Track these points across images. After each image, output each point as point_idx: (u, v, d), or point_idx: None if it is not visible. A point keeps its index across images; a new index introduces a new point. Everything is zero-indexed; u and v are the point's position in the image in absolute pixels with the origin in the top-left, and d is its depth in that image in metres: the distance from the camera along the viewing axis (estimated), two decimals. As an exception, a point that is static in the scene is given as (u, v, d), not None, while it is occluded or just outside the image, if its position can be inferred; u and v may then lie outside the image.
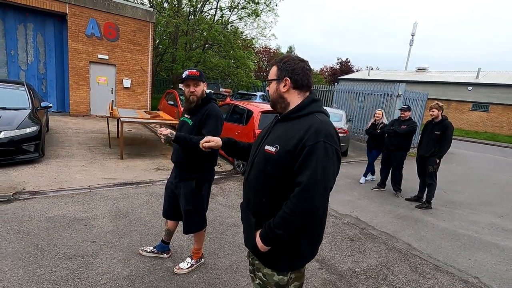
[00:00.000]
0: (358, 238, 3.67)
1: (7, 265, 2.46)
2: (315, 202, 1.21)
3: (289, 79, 1.35)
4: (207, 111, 2.28)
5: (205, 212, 2.54)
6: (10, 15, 9.54)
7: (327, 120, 1.32)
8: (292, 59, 1.38)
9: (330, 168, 1.23)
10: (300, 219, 1.22)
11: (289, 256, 1.35)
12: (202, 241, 2.69)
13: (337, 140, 1.29)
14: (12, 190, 3.91)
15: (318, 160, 1.20)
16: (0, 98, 5.46)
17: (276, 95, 1.39)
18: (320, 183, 1.20)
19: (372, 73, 30.63)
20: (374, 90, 11.58)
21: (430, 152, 4.88)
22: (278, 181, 1.30)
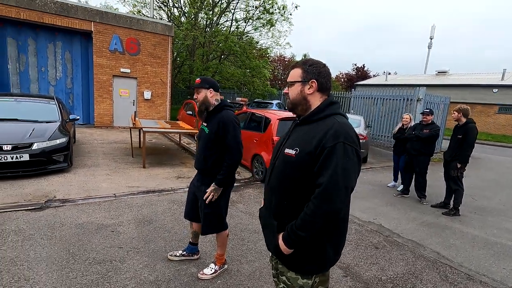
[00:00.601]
0: (383, 245, 3.57)
1: (42, 269, 2.59)
2: (336, 202, 1.20)
3: (316, 81, 1.37)
4: (222, 120, 2.35)
5: (224, 216, 2.58)
6: (41, 35, 10.22)
7: (346, 121, 1.33)
8: (317, 62, 1.41)
9: (351, 168, 1.23)
10: (322, 220, 1.22)
11: (313, 259, 1.35)
12: (225, 246, 2.72)
13: (357, 141, 1.29)
14: (44, 198, 4.12)
15: (338, 160, 1.20)
16: (33, 112, 5.82)
17: (300, 97, 1.39)
18: (340, 184, 1.20)
19: (390, 78, 30.06)
20: (393, 95, 11.36)
21: (452, 156, 4.71)
22: (299, 183, 1.31)
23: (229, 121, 2.35)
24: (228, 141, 2.33)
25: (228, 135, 2.33)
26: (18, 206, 3.81)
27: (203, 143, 2.45)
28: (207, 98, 2.43)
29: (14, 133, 4.94)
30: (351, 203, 1.41)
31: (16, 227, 3.27)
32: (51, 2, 9.72)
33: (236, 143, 2.35)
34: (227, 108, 2.44)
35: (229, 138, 2.33)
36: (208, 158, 2.41)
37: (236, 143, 2.34)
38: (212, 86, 2.45)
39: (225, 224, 2.61)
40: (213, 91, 2.45)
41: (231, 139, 2.33)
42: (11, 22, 9.65)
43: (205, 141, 2.42)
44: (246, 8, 16.47)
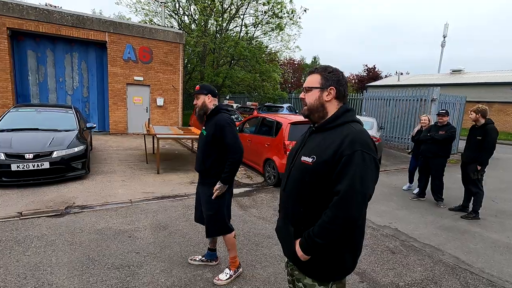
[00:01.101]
0: (399, 250, 3.50)
1: (64, 274, 2.68)
2: (354, 210, 1.21)
3: (334, 89, 1.38)
4: (217, 122, 2.47)
5: (226, 218, 2.63)
6: (59, 46, 10.63)
7: (362, 129, 1.33)
8: (336, 70, 1.42)
9: (369, 176, 1.23)
10: (339, 228, 1.23)
11: (331, 266, 1.35)
12: (234, 248, 2.74)
13: (374, 149, 1.30)
14: (64, 205, 4.26)
15: (356, 168, 1.21)
16: (53, 122, 6.05)
17: (317, 104, 1.39)
18: (358, 192, 1.20)
19: (402, 78, 29.55)
20: (406, 96, 11.17)
21: (471, 158, 4.58)
22: (316, 191, 1.32)
23: (225, 122, 2.45)
24: (227, 140, 2.43)
25: (226, 135, 2.43)
26: (40, 212, 3.96)
27: (202, 145, 2.58)
28: (205, 103, 2.57)
29: (36, 142, 5.14)
30: None
31: (39, 233, 3.40)
32: (67, 15, 10.12)
33: (235, 141, 2.44)
34: (222, 111, 2.57)
35: (227, 138, 2.43)
36: (206, 160, 2.52)
37: (234, 141, 2.44)
38: (210, 92, 2.59)
39: (229, 226, 2.66)
40: (211, 97, 2.58)
41: (229, 138, 2.43)
42: (30, 35, 10.09)
43: (203, 143, 2.55)
44: (255, 13, 16.62)
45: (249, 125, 7.53)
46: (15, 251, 2.99)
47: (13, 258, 2.87)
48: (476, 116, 4.55)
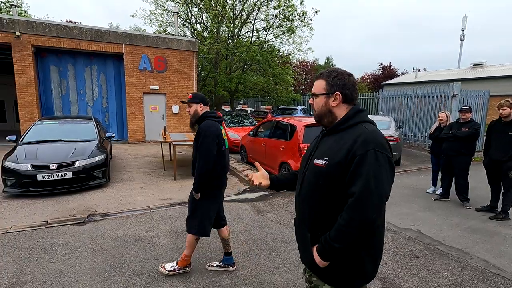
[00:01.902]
0: (424, 254, 3.36)
1: (87, 280, 2.76)
2: (370, 212, 1.17)
3: (340, 94, 1.36)
4: (199, 128, 2.59)
5: (202, 221, 2.66)
6: (79, 60, 11.11)
7: (374, 129, 1.30)
8: (341, 73, 1.38)
9: (383, 175, 1.19)
10: (356, 230, 1.19)
11: (351, 271, 1.30)
12: (192, 248, 2.80)
13: (388, 148, 1.26)
14: (87, 213, 4.41)
15: (370, 168, 1.18)
16: (75, 132, 6.31)
17: (325, 109, 1.39)
18: (374, 192, 1.17)
19: (420, 75, 28.65)
20: (425, 92, 10.82)
21: (508, 156, 4.29)
22: (331, 194, 1.29)
23: (203, 129, 2.55)
24: (198, 147, 2.55)
25: (199, 142, 2.55)
26: (64, 221, 4.11)
27: (194, 152, 2.72)
28: (197, 111, 2.69)
29: (59, 153, 5.37)
30: (386, 209, 1.36)
31: (63, 241, 3.52)
32: (86, 30, 10.57)
33: (204, 149, 2.51)
34: (208, 118, 2.66)
35: (199, 145, 2.54)
36: (195, 164, 2.65)
37: (204, 149, 2.51)
38: (201, 100, 2.70)
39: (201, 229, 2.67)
40: (202, 105, 2.70)
41: (200, 146, 2.54)
42: (53, 51, 10.61)
43: (194, 150, 2.70)
44: (266, 17, 16.70)
45: (264, 129, 7.53)
46: (42, 259, 3.11)
47: (40, 265, 2.99)
48: (510, 111, 4.28)
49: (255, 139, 7.48)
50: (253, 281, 2.79)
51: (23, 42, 9.80)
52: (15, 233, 3.72)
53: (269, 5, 16.05)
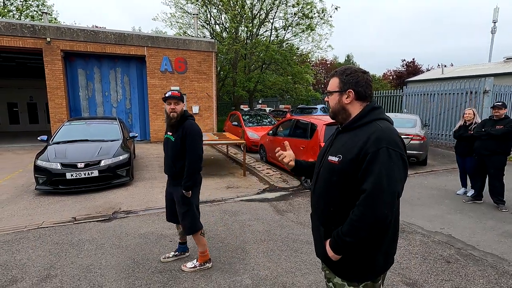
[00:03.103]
0: (456, 259, 3.16)
1: (112, 276, 2.83)
2: (381, 208, 1.18)
3: (353, 91, 1.37)
4: (185, 128, 2.66)
5: (197, 214, 2.84)
6: (104, 63, 11.55)
7: (389, 126, 1.31)
8: (355, 71, 1.40)
9: (396, 173, 1.20)
10: (367, 226, 1.21)
11: (361, 266, 1.33)
12: (203, 244, 2.88)
13: (402, 146, 1.26)
14: (112, 210, 4.54)
15: (382, 166, 1.19)
16: (100, 133, 6.54)
17: (338, 107, 1.41)
18: (385, 189, 1.18)
19: (447, 71, 27.28)
20: (453, 89, 10.29)
21: None
22: (344, 190, 1.31)
23: (190, 129, 2.65)
24: (187, 146, 2.63)
25: (187, 141, 2.62)
26: (91, 217, 4.26)
27: (172, 151, 2.72)
28: (182, 111, 2.74)
29: (86, 152, 5.59)
30: (412, 211, 1.32)
31: (90, 237, 3.64)
32: (111, 34, 10.96)
33: (195, 148, 2.64)
34: (189, 118, 2.77)
35: (188, 144, 2.63)
36: (176, 163, 2.70)
37: (194, 148, 2.64)
38: (183, 100, 2.78)
39: (200, 222, 2.88)
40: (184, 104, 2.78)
41: (190, 144, 2.63)
42: (80, 55, 11.10)
43: (173, 149, 2.71)
44: (284, 16, 16.56)
45: (283, 128, 7.45)
46: (70, 254, 3.23)
47: (68, 260, 3.11)
48: None
49: (275, 139, 7.42)
50: (274, 282, 2.75)
51: (53, 47, 10.32)
52: (46, 228, 3.90)
53: (287, 3, 15.90)
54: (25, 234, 3.71)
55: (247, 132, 9.78)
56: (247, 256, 3.21)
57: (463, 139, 5.15)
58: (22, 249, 3.34)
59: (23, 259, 3.12)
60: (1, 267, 2.96)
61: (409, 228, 3.97)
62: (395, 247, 1.41)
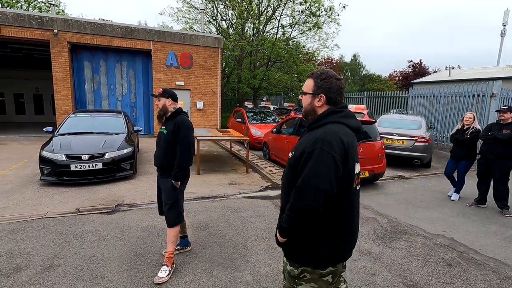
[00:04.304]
0: (457, 263, 3.15)
1: (115, 267, 2.86)
2: (305, 200, 1.33)
3: (324, 96, 1.47)
4: (177, 122, 2.75)
5: (181, 207, 2.90)
6: (110, 57, 11.58)
7: (335, 129, 1.40)
8: (330, 77, 1.48)
9: (324, 171, 1.32)
10: (295, 215, 1.37)
11: (301, 251, 1.47)
12: (175, 241, 2.85)
13: (338, 148, 1.35)
14: (115, 203, 4.58)
15: (312, 164, 1.33)
16: (105, 125, 6.57)
17: (310, 108, 1.52)
18: (311, 184, 1.32)
19: (454, 73, 26.98)
20: (460, 92, 10.17)
21: None
22: (294, 183, 1.43)
23: (182, 122, 2.75)
24: (179, 138, 2.72)
25: (180, 133, 2.72)
26: (94, 209, 4.30)
27: (163, 143, 2.80)
28: (165, 105, 2.82)
29: (90, 145, 5.62)
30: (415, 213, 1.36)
31: (93, 228, 3.68)
32: (117, 27, 10.97)
33: (186, 140, 2.73)
34: (182, 114, 2.86)
35: (180, 137, 2.72)
36: (168, 155, 2.78)
37: (186, 140, 2.73)
38: (170, 96, 2.83)
39: (183, 216, 2.94)
40: (171, 101, 2.83)
41: (182, 138, 2.72)
42: (86, 48, 11.14)
43: (165, 141, 2.79)
44: (291, 13, 16.47)
45: (287, 126, 7.44)
46: (73, 244, 3.27)
47: (72, 250, 3.14)
48: None
49: (278, 136, 7.41)
50: (275, 279, 2.76)
51: (60, 39, 10.36)
52: (50, 218, 3.95)
53: (295, 1, 15.81)
54: (30, 224, 3.76)
55: (251, 129, 9.78)
56: (248, 252, 3.23)
57: (459, 143, 5.10)
58: (26, 238, 3.38)
59: (27, 248, 3.16)
60: (6, 255, 3.01)
61: (411, 230, 3.96)
62: (347, 241, 1.49)
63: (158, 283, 2.63)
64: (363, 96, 16.57)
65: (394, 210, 4.65)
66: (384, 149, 6.02)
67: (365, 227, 4.00)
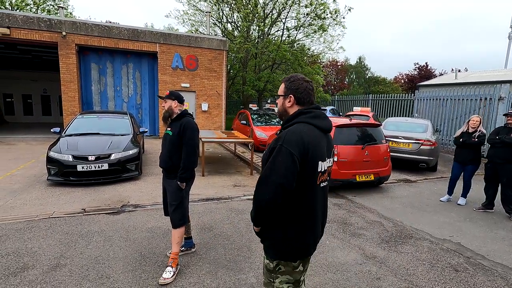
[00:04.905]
0: (464, 268, 3.11)
1: (120, 268, 2.88)
2: (263, 193, 1.42)
3: (293, 96, 1.59)
4: (183, 124, 2.78)
5: (186, 207, 2.92)
6: (117, 58, 11.70)
7: (299, 128, 1.48)
8: (298, 79, 1.60)
9: (281, 166, 1.40)
10: (255, 207, 1.48)
11: (272, 246, 1.57)
12: (179, 242, 2.86)
13: (295, 146, 1.41)
14: (120, 203, 4.61)
15: (273, 159, 1.42)
16: (111, 127, 6.64)
17: (282, 109, 1.64)
18: (268, 178, 1.41)
19: (461, 76, 26.74)
20: (466, 95, 10.09)
21: None
22: None
23: (188, 124, 2.78)
24: (185, 140, 2.74)
25: (185, 135, 2.74)
26: (100, 210, 4.34)
27: (169, 145, 2.82)
28: (171, 107, 2.85)
29: (97, 146, 5.68)
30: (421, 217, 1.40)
31: (99, 229, 3.71)
32: (124, 30, 11.10)
33: (192, 142, 2.76)
34: (187, 116, 2.89)
35: (186, 138, 2.74)
36: (173, 157, 2.80)
37: (191, 142, 2.75)
38: (177, 98, 2.87)
39: (187, 217, 2.99)
40: (177, 103, 2.86)
41: (187, 139, 2.75)
42: (93, 49, 11.28)
43: (170, 143, 2.81)
44: (297, 16, 16.49)
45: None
46: (79, 244, 3.30)
47: (78, 250, 3.17)
48: None
49: (283, 139, 7.39)
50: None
51: (68, 41, 10.51)
52: (56, 218, 3.99)
53: (300, 3, 15.83)
54: (37, 223, 3.80)
55: (255, 131, 9.79)
56: (252, 254, 3.23)
57: (466, 146, 5.02)
58: (33, 237, 3.42)
59: (34, 247, 3.20)
60: (14, 254, 3.04)
61: (417, 234, 3.92)
62: (309, 236, 1.56)
63: (163, 284, 2.64)
64: (368, 98, 16.50)
65: (399, 214, 4.62)
66: (389, 152, 5.98)
67: (370, 230, 3.97)
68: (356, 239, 3.70)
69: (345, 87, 35.95)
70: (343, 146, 5.44)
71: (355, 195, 5.50)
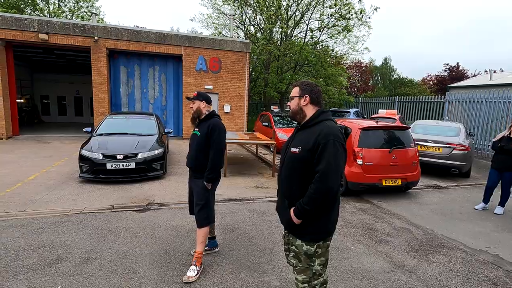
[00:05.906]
0: (504, 282, 2.89)
1: (146, 264, 2.95)
2: (330, 183, 1.65)
3: (308, 96, 1.84)
4: (210, 124, 2.82)
5: (212, 207, 2.96)
6: (144, 61, 12.14)
7: (333, 125, 1.78)
8: (310, 83, 1.90)
9: (339, 157, 1.69)
10: (321, 196, 1.67)
11: (313, 229, 1.78)
12: (204, 242, 2.88)
13: (342, 137, 1.74)
14: (146, 201, 4.75)
15: (330, 153, 1.66)
16: (138, 127, 6.88)
17: (297, 108, 1.87)
18: (332, 169, 1.65)
19: (496, 77, 25.12)
20: (504, 96, 9.45)
21: None
22: (302, 173, 1.76)
23: (216, 125, 2.82)
24: (212, 141, 2.78)
25: (213, 135, 2.78)
26: (127, 207, 4.49)
27: (196, 145, 2.86)
28: (199, 108, 2.90)
29: (125, 145, 5.90)
30: (454, 226, 1.48)
31: (126, 225, 3.84)
32: (151, 34, 11.49)
33: (219, 143, 2.79)
34: (215, 116, 2.94)
35: (213, 139, 2.78)
36: (200, 157, 2.84)
37: (218, 143, 2.79)
38: (205, 99, 2.92)
39: (213, 216, 3.00)
40: (205, 103, 2.92)
41: (215, 140, 2.78)
42: (122, 53, 11.77)
43: (197, 143, 2.85)
44: (320, 17, 16.29)
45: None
46: (108, 239, 3.43)
47: (107, 245, 3.30)
48: None
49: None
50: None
51: (99, 45, 11.05)
52: (87, 214, 4.18)
53: (324, 4, 15.62)
54: (69, 218, 4.01)
55: (277, 133, 9.72)
56: (275, 257, 3.19)
57: (504, 152, 4.69)
58: (66, 231, 3.60)
59: (68, 240, 3.37)
60: (49, 246, 3.22)
61: (449, 243, 3.70)
62: (338, 214, 1.88)
63: (187, 282, 2.67)
64: (395, 101, 15.92)
65: (429, 221, 4.39)
66: (418, 156, 5.71)
67: (398, 237, 3.81)
68: (383, 246, 3.56)
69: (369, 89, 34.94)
70: (368, 149, 5.27)
71: (381, 200, 5.31)
